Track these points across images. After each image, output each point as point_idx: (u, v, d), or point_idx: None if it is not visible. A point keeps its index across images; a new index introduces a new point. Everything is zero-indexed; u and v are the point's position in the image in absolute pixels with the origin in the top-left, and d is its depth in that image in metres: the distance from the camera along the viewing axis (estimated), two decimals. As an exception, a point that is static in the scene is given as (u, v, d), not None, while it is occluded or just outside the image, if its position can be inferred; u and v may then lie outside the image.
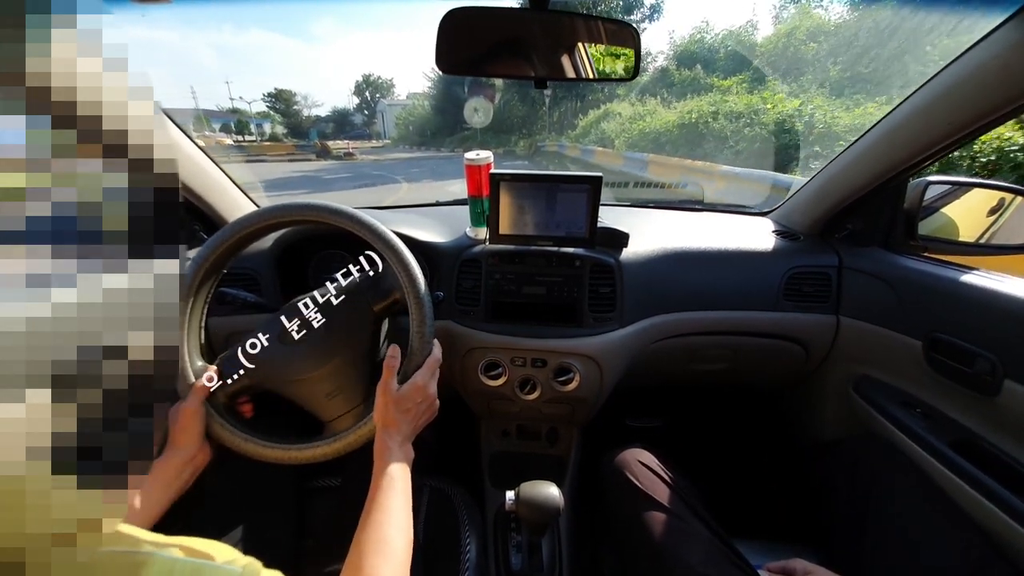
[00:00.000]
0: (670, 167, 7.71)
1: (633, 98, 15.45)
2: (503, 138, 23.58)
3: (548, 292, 0.92)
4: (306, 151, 27.57)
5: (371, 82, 62.38)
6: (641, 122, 12.52)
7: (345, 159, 24.00)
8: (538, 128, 23.79)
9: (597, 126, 15.40)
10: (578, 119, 18.99)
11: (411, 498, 0.57)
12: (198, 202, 1.01)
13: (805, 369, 1.06)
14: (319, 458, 0.66)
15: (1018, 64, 0.59)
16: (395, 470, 0.58)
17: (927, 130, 0.74)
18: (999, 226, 0.86)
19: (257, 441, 0.66)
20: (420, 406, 0.65)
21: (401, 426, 0.63)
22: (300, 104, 59.51)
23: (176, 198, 0.28)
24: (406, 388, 0.63)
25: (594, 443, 1.13)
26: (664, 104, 13.26)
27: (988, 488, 0.66)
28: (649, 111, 12.97)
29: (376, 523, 0.52)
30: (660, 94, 14.32)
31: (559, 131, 22.25)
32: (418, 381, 0.64)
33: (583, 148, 13.79)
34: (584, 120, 17.42)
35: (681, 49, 19.38)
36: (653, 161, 8.51)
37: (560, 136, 20.86)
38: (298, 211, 0.72)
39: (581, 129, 17.24)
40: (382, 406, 0.63)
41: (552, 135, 21.87)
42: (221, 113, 50.35)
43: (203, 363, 0.70)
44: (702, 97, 11.16)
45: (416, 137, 33.92)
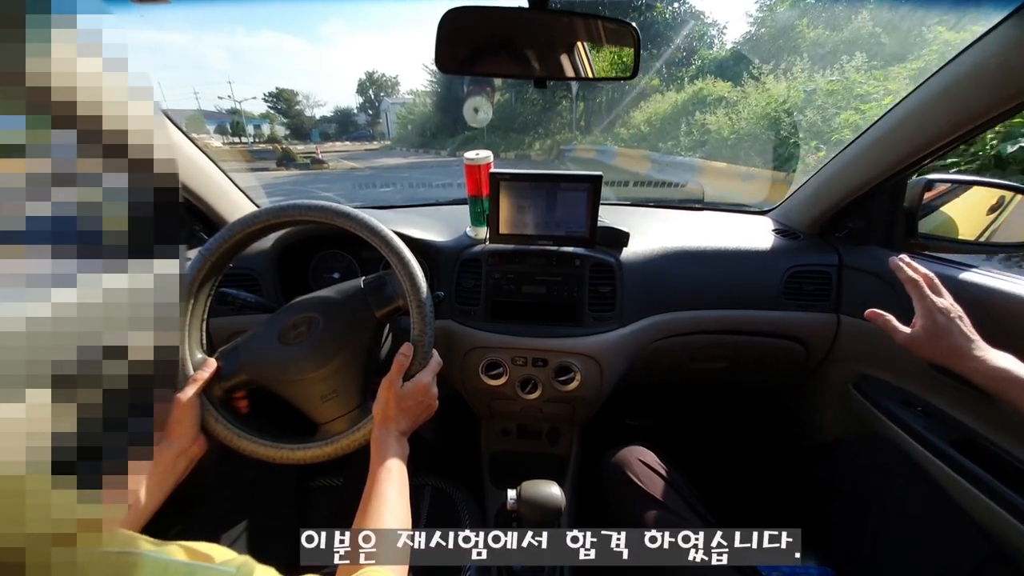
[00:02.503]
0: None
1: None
2: (515, 139, 19.62)
3: (548, 291, 0.92)
4: (267, 158, 21.62)
5: (375, 80, 59.93)
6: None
7: (313, 168, 18.42)
8: (556, 127, 19.90)
9: (674, 120, 10.41)
10: (624, 114, 14.21)
11: (407, 490, 0.59)
12: (198, 203, 1.01)
13: (805, 368, 1.06)
14: (311, 460, 0.67)
15: (1018, 62, 0.59)
16: (392, 463, 0.59)
17: (927, 128, 0.74)
18: (999, 224, 0.86)
19: (251, 438, 0.66)
20: (421, 404, 0.66)
21: (400, 422, 0.64)
22: (302, 104, 58.17)
23: (176, 198, 0.28)
24: (409, 386, 0.65)
25: (595, 442, 1.13)
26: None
27: (989, 486, 0.66)
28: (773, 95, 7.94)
29: (374, 513, 0.53)
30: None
31: (586, 130, 18.20)
32: (422, 381, 0.66)
33: (660, 157, 9.06)
34: (638, 114, 12.69)
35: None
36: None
37: (583, 135, 17.25)
38: (298, 211, 0.72)
39: (635, 128, 12.52)
40: (384, 401, 0.64)
41: (579, 134, 17.93)
42: (219, 114, 49.47)
43: (203, 355, 0.70)
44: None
45: (416, 138, 31.20)
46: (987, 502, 0.66)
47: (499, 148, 17.35)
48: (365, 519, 0.53)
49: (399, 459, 0.60)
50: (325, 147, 34.49)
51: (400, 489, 0.57)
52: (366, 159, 23.74)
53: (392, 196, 8.06)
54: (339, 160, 22.43)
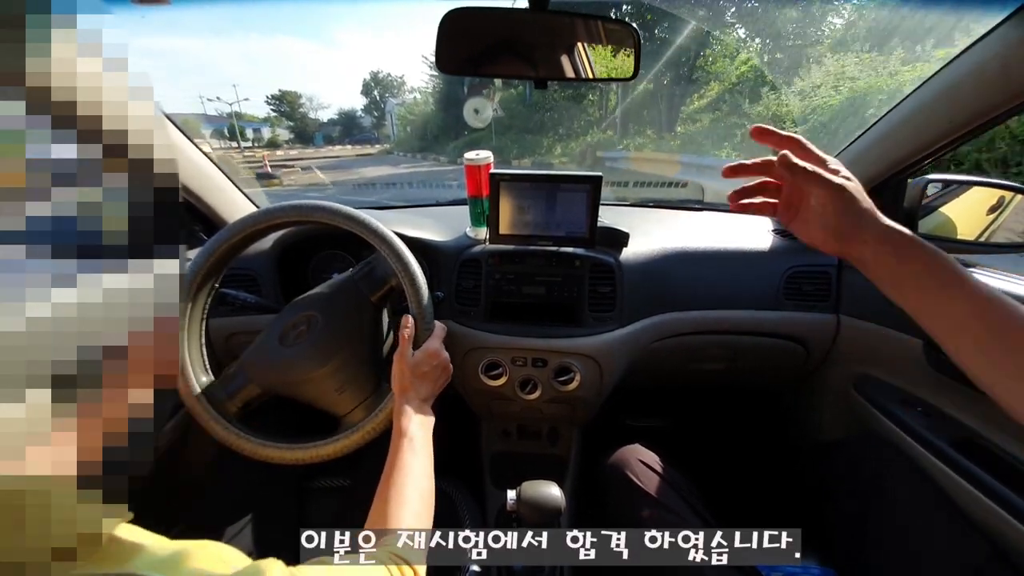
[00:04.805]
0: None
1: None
2: (529, 142, 15.87)
3: (548, 292, 0.92)
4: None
5: (380, 81, 58.46)
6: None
7: (261, 185, 12.52)
8: (580, 128, 15.60)
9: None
10: (685, 100, 11.15)
11: (431, 456, 0.60)
12: (198, 203, 1.01)
13: (805, 368, 1.05)
14: (342, 452, 0.68)
15: (1017, 62, 0.59)
16: (414, 430, 0.60)
17: (927, 128, 0.74)
18: (999, 224, 0.86)
19: (276, 445, 0.68)
20: (436, 368, 0.69)
21: (419, 389, 0.66)
22: (306, 107, 57.18)
23: (176, 198, 0.28)
24: (420, 354, 0.68)
25: (594, 443, 1.13)
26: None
27: (989, 487, 0.66)
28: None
29: (397, 481, 0.54)
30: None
31: (622, 130, 13.73)
32: (430, 347, 0.69)
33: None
34: (696, 99, 9.97)
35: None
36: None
37: (623, 136, 12.86)
38: (298, 212, 0.72)
39: (709, 122, 9.69)
40: (399, 373, 0.66)
41: (617, 135, 13.33)
42: (220, 118, 48.63)
43: (207, 378, 0.71)
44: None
45: (416, 142, 27.44)
46: (987, 502, 0.66)
47: (510, 153, 14.85)
48: (388, 488, 0.54)
49: (421, 426, 0.62)
50: (309, 152, 30.50)
51: (422, 457, 0.58)
52: (349, 168, 19.76)
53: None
54: (312, 171, 18.12)
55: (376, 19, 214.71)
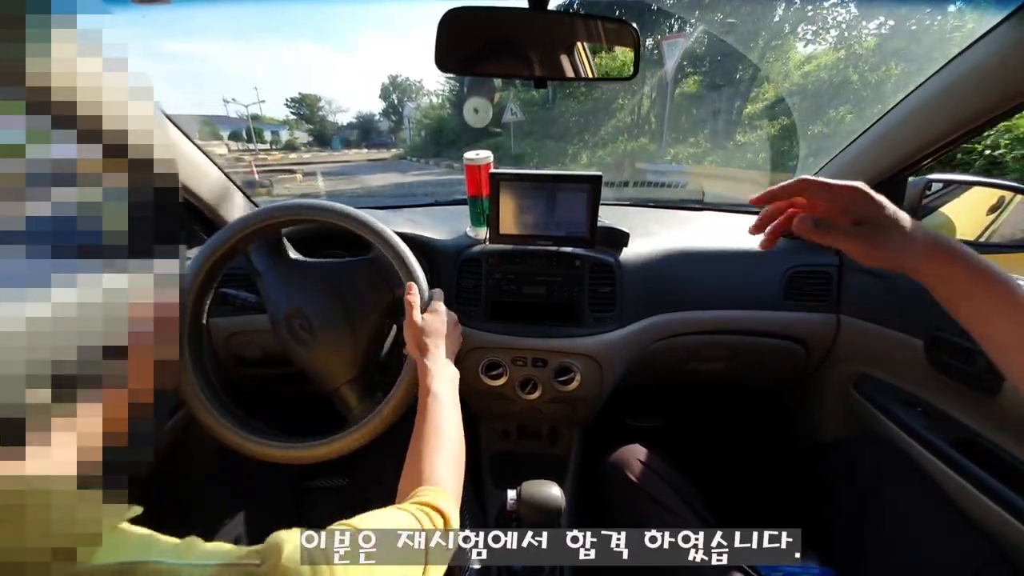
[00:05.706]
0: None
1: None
2: (552, 148, 13.77)
3: (548, 292, 0.92)
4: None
5: (398, 84, 57.46)
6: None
7: (249, 193, 3.85)
8: (607, 134, 13.31)
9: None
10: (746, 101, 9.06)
11: (459, 411, 0.62)
12: (198, 203, 1.01)
13: (806, 368, 1.05)
14: (370, 437, 0.69)
15: (1017, 62, 0.59)
16: (438, 386, 0.62)
17: (927, 128, 0.74)
18: (999, 224, 0.86)
19: (296, 446, 0.68)
20: (447, 324, 0.72)
21: (438, 345, 0.68)
22: (324, 110, 57.07)
23: (176, 198, 0.28)
24: (427, 315, 0.70)
25: (594, 443, 1.13)
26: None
27: (989, 487, 0.66)
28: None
29: (428, 435, 0.56)
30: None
31: (664, 138, 11.29)
32: (435, 307, 0.72)
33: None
34: (759, 101, 7.94)
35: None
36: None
37: (663, 147, 10.51)
38: (298, 211, 0.72)
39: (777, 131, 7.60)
40: (413, 336, 0.68)
41: (659, 145, 11.09)
42: (236, 120, 48.07)
43: (208, 379, 0.71)
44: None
45: (431, 147, 25.98)
46: (987, 502, 0.66)
47: (531, 160, 13.04)
48: (420, 440, 0.55)
49: (446, 381, 0.63)
50: (307, 157, 29.53)
51: (450, 409, 0.60)
52: (353, 175, 18.06)
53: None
54: (316, 177, 16.74)
55: (393, 22, 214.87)
